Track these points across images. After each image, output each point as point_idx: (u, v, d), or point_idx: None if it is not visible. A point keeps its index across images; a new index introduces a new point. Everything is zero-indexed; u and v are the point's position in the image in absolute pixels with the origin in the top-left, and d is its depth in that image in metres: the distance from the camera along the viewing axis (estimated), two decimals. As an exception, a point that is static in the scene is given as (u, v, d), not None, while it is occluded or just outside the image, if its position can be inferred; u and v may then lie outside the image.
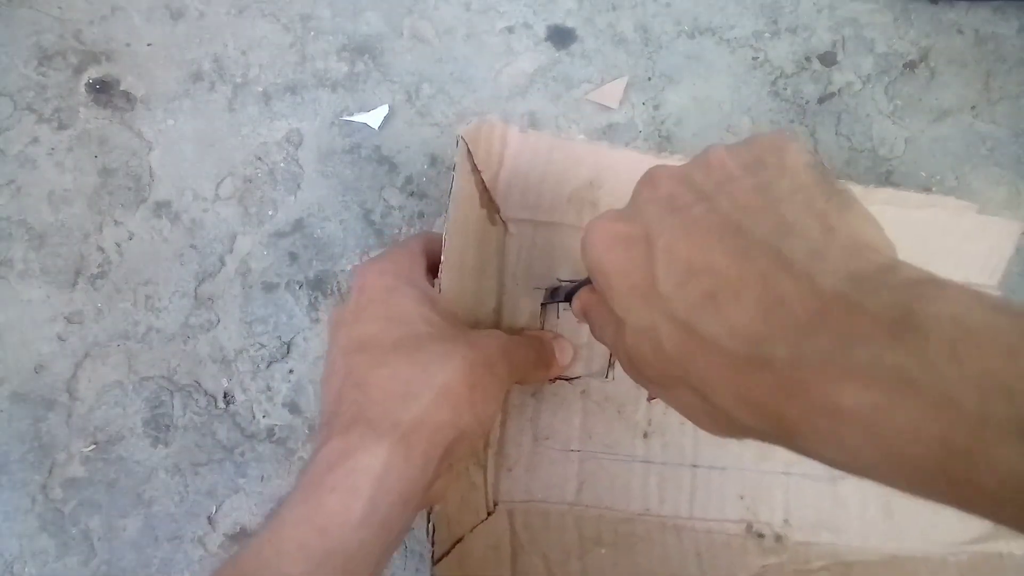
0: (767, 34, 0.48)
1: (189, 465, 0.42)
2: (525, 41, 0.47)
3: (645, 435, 0.35)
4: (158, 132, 0.45)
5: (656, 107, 0.47)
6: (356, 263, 0.44)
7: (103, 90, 0.45)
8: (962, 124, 0.47)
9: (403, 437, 0.25)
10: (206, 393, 0.43)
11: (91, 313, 0.43)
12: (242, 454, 0.42)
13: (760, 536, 0.35)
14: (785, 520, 0.35)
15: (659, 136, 0.46)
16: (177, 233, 0.44)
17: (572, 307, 0.30)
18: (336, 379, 0.28)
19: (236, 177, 0.45)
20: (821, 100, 0.47)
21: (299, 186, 0.45)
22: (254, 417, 0.43)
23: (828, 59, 0.47)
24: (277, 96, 0.46)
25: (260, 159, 0.45)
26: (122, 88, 0.45)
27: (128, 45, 0.46)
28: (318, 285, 0.44)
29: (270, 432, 0.43)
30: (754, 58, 0.47)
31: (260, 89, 0.46)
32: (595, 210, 0.35)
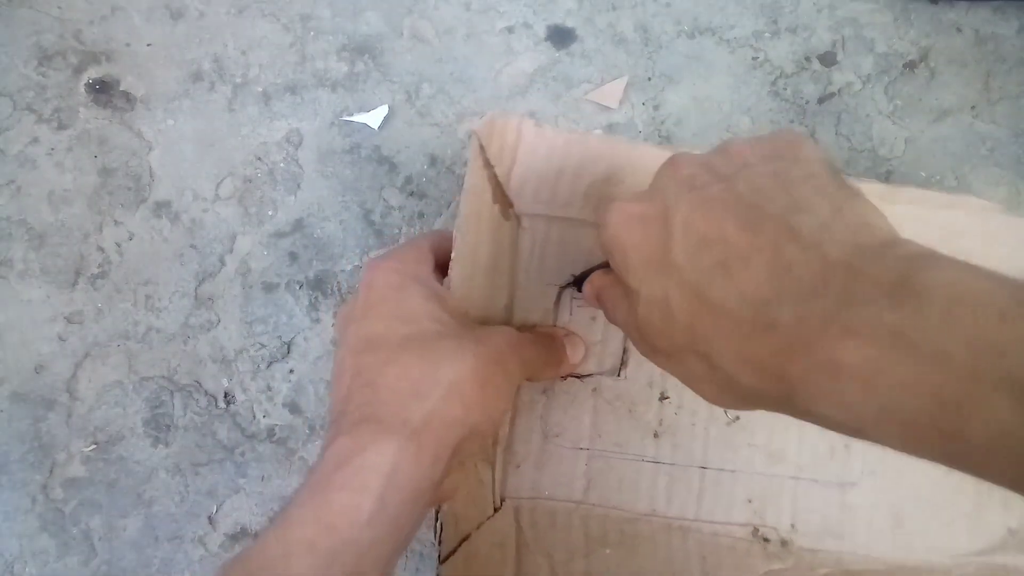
0: (767, 34, 0.48)
1: (189, 465, 0.42)
2: (525, 41, 0.47)
3: (655, 435, 0.35)
4: (158, 132, 0.45)
5: (656, 107, 0.47)
6: (357, 263, 0.44)
7: (103, 90, 0.45)
8: (962, 124, 0.47)
9: (413, 435, 0.25)
10: (206, 393, 0.43)
11: (91, 313, 0.43)
12: (242, 454, 0.42)
13: (766, 541, 0.35)
14: (792, 525, 0.35)
15: (659, 136, 0.46)
16: (177, 233, 0.44)
17: (584, 291, 0.29)
18: (345, 377, 0.28)
19: (236, 177, 0.45)
20: (821, 100, 0.47)
21: (299, 186, 0.45)
22: (254, 417, 0.43)
23: (828, 59, 0.47)
24: (277, 96, 0.46)
25: (260, 159, 0.45)
26: (122, 88, 0.45)
27: (128, 45, 0.46)
28: (318, 285, 0.44)
29: (270, 432, 0.43)
30: (754, 58, 0.47)
31: (260, 89, 0.46)
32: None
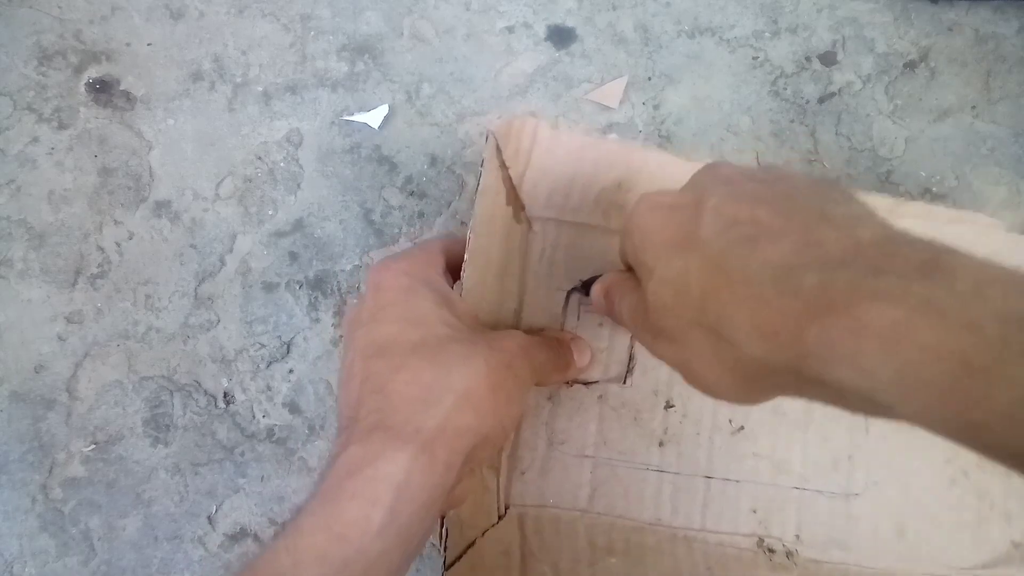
0: (767, 34, 0.48)
1: (189, 465, 0.42)
2: (525, 41, 0.47)
3: (661, 443, 0.35)
4: (158, 132, 0.45)
5: (656, 107, 0.47)
6: (357, 262, 0.44)
7: (103, 90, 0.45)
8: (962, 124, 0.47)
9: (425, 445, 0.25)
10: (206, 393, 0.43)
11: (91, 313, 0.43)
12: (242, 454, 0.42)
13: (771, 551, 0.34)
14: (797, 536, 0.35)
15: (659, 136, 0.46)
16: (177, 233, 0.44)
17: (592, 291, 0.29)
18: (355, 383, 0.27)
19: (236, 177, 0.45)
20: (821, 100, 0.47)
21: (299, 186, 0.45)
22: (254, 417, 0.43)
23: (828, 59, 0.47)
24: (277, 96, 0.46)
25: (260, 159, 0.45)
26: (122, 88, 0.45)
27: (128, 45, 0.46)
28: (318, 285, 0.44)
29: (270, 432, 0.42)
30: (754, 58, 0.47)
31: (260, 89, 0.46)
32: (622, 212, 0.35)
